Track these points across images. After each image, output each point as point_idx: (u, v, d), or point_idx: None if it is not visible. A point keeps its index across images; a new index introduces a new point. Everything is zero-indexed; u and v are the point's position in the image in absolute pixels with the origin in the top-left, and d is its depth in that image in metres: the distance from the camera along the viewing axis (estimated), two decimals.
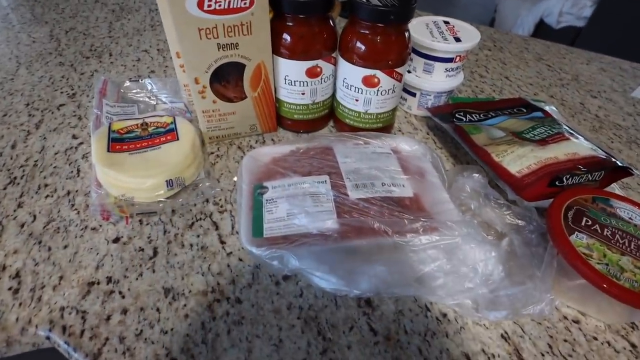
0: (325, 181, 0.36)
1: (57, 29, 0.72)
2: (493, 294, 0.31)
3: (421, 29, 0.50)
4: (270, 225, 0.33)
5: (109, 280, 0.32)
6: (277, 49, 0.41)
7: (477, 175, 0.38)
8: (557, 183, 0.35)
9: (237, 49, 0.39)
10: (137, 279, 0.32)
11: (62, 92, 0.54)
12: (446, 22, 0.53)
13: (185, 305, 0.31)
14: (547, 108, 0.51)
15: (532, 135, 0.41)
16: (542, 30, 1.90)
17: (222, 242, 0.35)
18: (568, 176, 0.35)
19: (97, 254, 0.34)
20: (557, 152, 0.38)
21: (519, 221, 0.35)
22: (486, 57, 0.74)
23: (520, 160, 0.37)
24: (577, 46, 0.82)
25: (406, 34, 0.41)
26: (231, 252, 0.35)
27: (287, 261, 0.30)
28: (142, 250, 0.35)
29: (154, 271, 0.33)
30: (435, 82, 0.50)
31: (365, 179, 0.37)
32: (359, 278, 0.30)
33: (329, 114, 0.49)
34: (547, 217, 0.32)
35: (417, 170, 0.41)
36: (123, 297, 0.31)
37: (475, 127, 0.45)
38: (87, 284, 0.32)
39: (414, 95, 0.52)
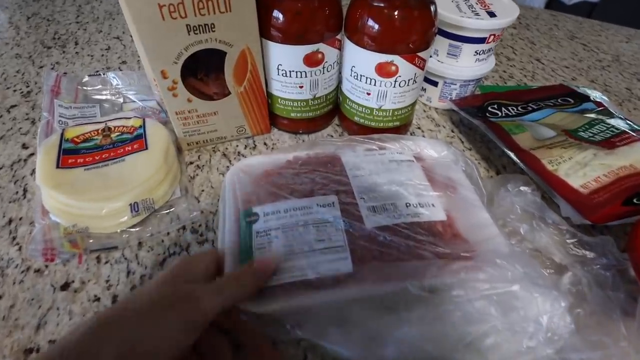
0: (333, 203, 0.28)
1: (17, 15, 0.62)
2: (560, 356, 0.23)
3: (444, 2, 0.40)
4: None
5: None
6: (266, 30, 0.32)
7: (527, 189, 0.29)
8: (635, 201, 0.27)
9: (213, 31, 0.30)
10: None
11: (15, 91, 0.45)
12: None
13: None
14: (594, 96, 0.43)
15: (591, 135, 0.33)
16: (553, 7, 1.77)
17: None
18: None
19: (40, 307, 0.26)
20: (631, 159, 0.29)
21: (587, 252, 0.27)
22: (512, 37, 0.64)
23: (583, 170, 0.29)
24: (595, 20, 0.72)
25: (432, 8, 0.32)
26: None
27: (286, 329, 0.22)
28: (98, 299, 0.27)
29: None
30: (463, 67, 0.41)
31: (384, 199, 0.28)
32: (383, 344, 0.22)
33: (333, 111, 0.41)
34: (631, 250, 0.24)
35: (446, 183, 0.32)
36: None
37: (517, 124, 0.36)
38: (23, 351, 0.24)
39: (435, 84, 0.43)
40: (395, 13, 0.31)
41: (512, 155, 0.33)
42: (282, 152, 0.33)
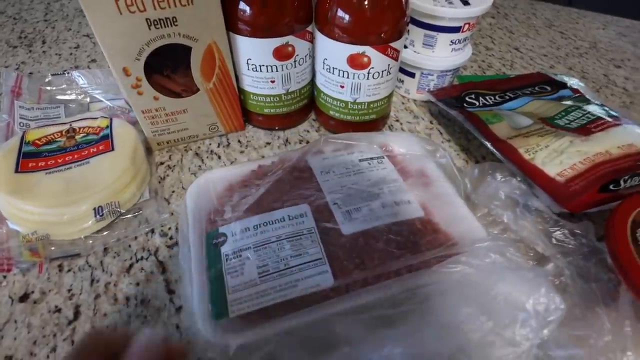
0: (305, 213, 0.26)
1: None
2: (544, 353, 0.22)
3: None
4: (236, 297, 0.23)
5: None
6: (232, 23, 0.31)
7: (514, 178, 0.29)
8: (611, 187, 0.27)
9: (175, 25, 0.28)
10: (47, 356, 0.23)
11: None
12: None
13: None
14: (571, 83, 0.42)
15: (567, 122, 0.32)
16: None
17: (170, 292, 0.26)
18: (627, 177, 0.26)
19: None
20: (606, 145, 0.29)
21: (569, 241, 0.26)
22: (490, 26, 0.64)
23: (559, 158, 0.28)
24: (574, 7, 0.73)
25: None
26: (181, 307, 0.25)
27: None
28: (59, 310, 0.25)
29: (72, 342, 0.24)
30: (439, 58, 0.41)
31: (358, 202, 0.27)
32: None
33: (309, 105, 0.40)
34: (608, 239, 0.23)
35: (420, 177, 0.31)
36: None
37: (494, 113, 0.36)
38: None
39: (412, 75, 0.43)
40: (365, 2, 0.30)
41: (488, 145, 0.32)
42: (244, 164, 0.31)
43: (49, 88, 0.39)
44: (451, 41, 0.40)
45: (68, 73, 0.40)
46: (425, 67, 0.41)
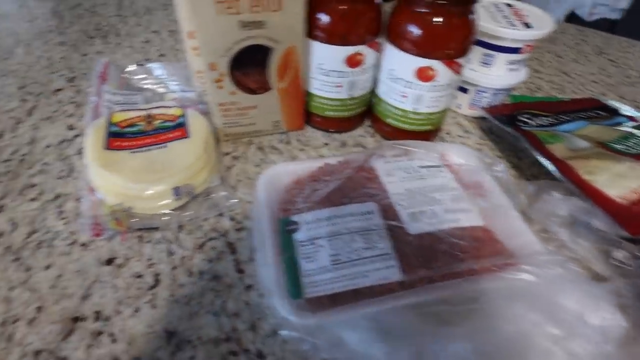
0: (373, 211, 0.28)
1: (61, 6, 0.65)
2: None
3: (480, 12, 0.41)
4: (311, 280, 0.25)
5: (98, 316, 0.26)
6: (311, 30, 0.33)
7: (574, 197, 0.30)
8: None
9: (263, 28, 0.31)
10: (132, 316, 0.26)
11: (60, 75, 0.47)
12: (509, 5, 0.44)
13: (192, 357, 0.24)
14: (626, 111, 0.43)
15: (626, 148, 0.33)
16: (572, 23, 1.76)
17: (240, 271, 0.28)
18: None
19: (85, 279, 0.27)
20: None
21: (630, 262, 0.27)
22: (538, 49, 0.65)
23: (620, 182, 0.29)
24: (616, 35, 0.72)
25: (473, 17, 0.33)
26: (251, 286, 0.28)
27: (340, 340, 0.22)
28: (141, 276, 0.28)
29: (154, 306, 0.26)
30: (495, 76, 0.42)
31: (422, 205, 0.29)
32: None
33: (366, 111, 0.42)
34: None
35: (476, 189, 0.33)
36: (114, 340, 0.24)
37: (551, 134, 0.37)
38: (70, 319, 0.25)
39: (465, 91, 0.44)
40: (439, 20, 0.32)
41: (547, 164, 0.33)
42: (311, 160, 0.34)
43: (129, 76, 0.43)
44: (509, 61, 0.41)
45: (148, 64, 0.44)
46: (481, 85, 0.42)
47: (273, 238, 0.27)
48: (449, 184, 0.32)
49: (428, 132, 0.40)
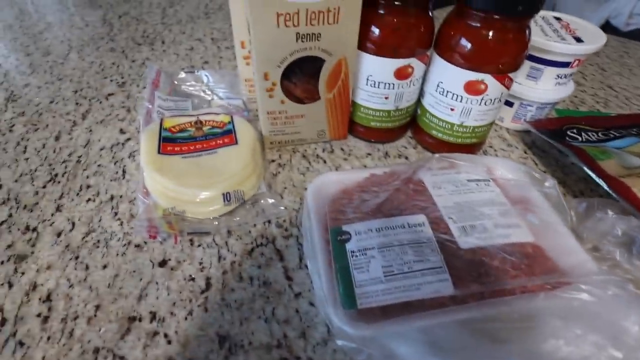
0: (423, 223, 0.28)
1: (110, 13, 0.68)
2: None
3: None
4: (364, 291, 0.24)
5: (153, 316, 0.26)
6: (362, 42, 0.34)
7: (632, 216, 0.29)
8: None
9: (318, 40, 0.32)
10: (186, 318, 0.26)
11: (111, 80, 0.50)
12: (557, 19, 0.43)
13: None
14: None
15: None
16: (607, 32, 1.71)
17: (289, 278, 0.29)
18: None
19: (141, 279, 0.28)
20: None
21: None
22: None
23: None
24: None
25: (527, 31, 0.32)
26: (300, 293, 0.28)
27: (393, 352, 0.22)
28: (193, 279, 0.28)
29: (206, 310, 0.27)
30: (542, 90, 0.41)
31: (472, 219, 0.29)
32: None
33: (410, 123, 0.42)
34: None
35: (524, 202, 0.32)
36: (169, 341, 0.25)
37: (602, 150, 0.36)
38: (127, 319, 0.26)
39: (510, 105, 0.44)
40: (492, 34, 0.31)
41: (600, 181, 0.32)
42: (357, 170, 0.34)
43: (179, 83, 0.44)
44: (557, 75, 0.40)
45: (197, 71, 0.45)
46: (526, 98, 0.42)
47: (324, 247, 0.27)
48: (497, 199, 0.32)
49: (473, 145, 0.39)
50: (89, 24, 0.64)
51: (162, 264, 0.29)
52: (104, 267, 0.29)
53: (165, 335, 0.25)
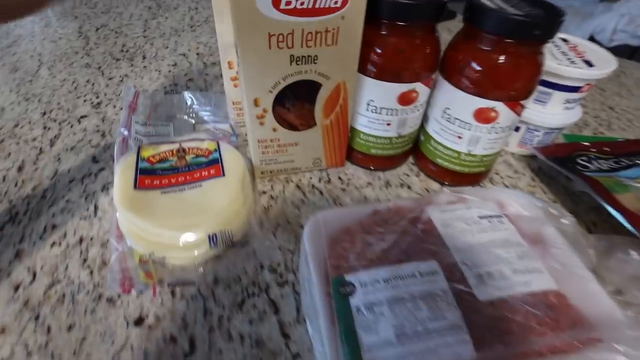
0: (436, 271, 0.25)
1: (87, 25, 0.64)
2: None
3: None
4: (373, 356, 0.21)
5: None
6: (363, 65, 0.31)
7: None
8: None
9: (314, 63, 0.28)
10: None
11: (85, 100, 0.45)
12: (565, 40, 0.41)
13: None
14: None
15: None
16: None
17: (285, 336, 0.25)
18: None
19: (113, 342, 0.24)
20: None
21: None
22: None
23: None
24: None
25: (541, 57, 0.30)
26: (298, 354, 0.24)
27: None
28: (175, 341, 0.25)
29: None
30: (549, 115, 0.39)
31: (487, 264, 0.26)
32: None
33: (412, 149, 0.39)
34: None
35: (540, 241, 0.29)
36: None
37: (617, 181, 0.33)
38: None
39: (516, 129, 0.41)
40: (504, 59, 0.29)
41: (620, 217, 0.30)
42: (358, 206, 0.31)
43: (159, 105, 0.40)
44: (566, 100, 0.38)
45: (179, 92, 0.41)
46: (534, 123, 0.40)
47: (326, 303, 0.24)
48: (512, 238, 0.29)
49: (480, 173, 0.37)
50: (62, 36, 0.60)
51: (139, 322, 0.25)
52: (69, 328, 0.25)
53: None
